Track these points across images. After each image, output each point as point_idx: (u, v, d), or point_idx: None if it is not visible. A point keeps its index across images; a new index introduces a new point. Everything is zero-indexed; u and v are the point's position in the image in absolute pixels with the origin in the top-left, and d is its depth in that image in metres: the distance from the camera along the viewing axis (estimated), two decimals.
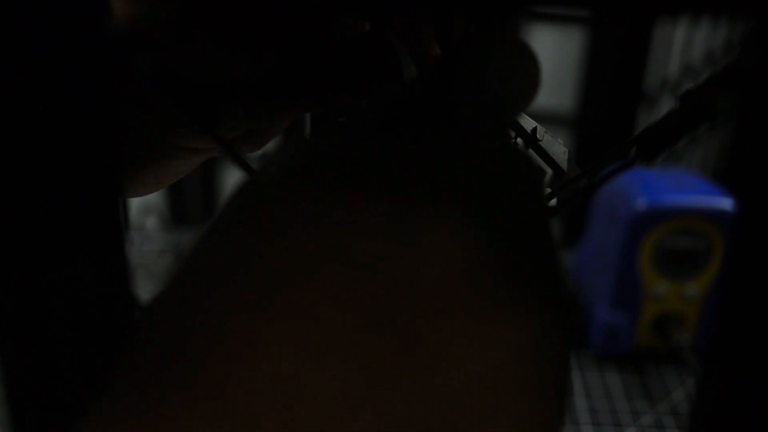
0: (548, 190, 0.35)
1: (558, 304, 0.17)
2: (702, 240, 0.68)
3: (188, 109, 0.26)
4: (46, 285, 0.24)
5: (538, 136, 0.35)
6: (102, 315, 0.25)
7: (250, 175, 0.18)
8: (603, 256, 0.73)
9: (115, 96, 0.22)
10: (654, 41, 1.10)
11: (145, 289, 0.75)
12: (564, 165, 0.35)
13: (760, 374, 0.25)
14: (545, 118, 1.22)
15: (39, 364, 0.25)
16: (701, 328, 0.71)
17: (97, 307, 0.25)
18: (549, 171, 0.35)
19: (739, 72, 0.23)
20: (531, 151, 0.35)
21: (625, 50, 1.13)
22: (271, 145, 0.34)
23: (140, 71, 0.23)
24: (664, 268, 0.69)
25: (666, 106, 1.14)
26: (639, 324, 0.71)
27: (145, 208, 0.91)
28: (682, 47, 1.13)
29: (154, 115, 0.27)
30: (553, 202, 0.34)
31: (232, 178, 1.36)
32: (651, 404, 0.69)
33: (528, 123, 0.36)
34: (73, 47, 0.22)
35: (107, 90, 0.23)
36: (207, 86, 0.27)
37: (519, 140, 0.36)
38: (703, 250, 0.69)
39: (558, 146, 0.36)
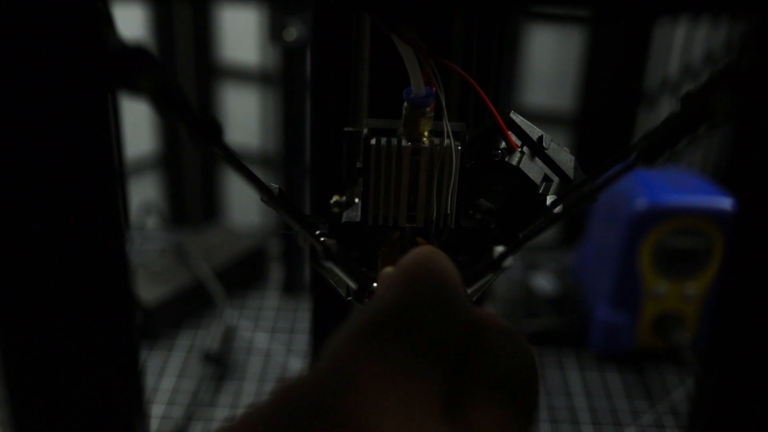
0: (555, 197, 0.35)
1: None
2: (702, 240, 0.68)
3: (191, 121, 0.26)
4: (47, 285, 0.24)
5: (544, 144, 0.35)
6: (102, 315, 0.25)
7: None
8: (603, 256, 0.73)
9: (115, 104, 0.22)
10: (654, 41, 1.10)
11: (145, 289, 0.76)
12: (570, 173, 0.35)
13: (760, 374, 0.25)
14: (545, 118, 1.22)
15: (40, 364, 0.25)
16: (701, 328, 0.71)
17: (97, 307, 0.25)
18: (555, 179, 0.35)
19: (739, 72, 0.23)
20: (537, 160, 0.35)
21: (625, 50, 1.13)
22: None
23: (143, 85, 0.23)
24: (664, 268, 0.69)
25: (666, 106, 1.14)
26: (639, 324, 0.71)
27: (145, 207, 0.91)
28: (682, 47, 1.13)
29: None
30: (559, 208, 0.34)
31: (232, 178, 1.36)
32: (651, 404, 0.69)
33: (534, 131, 0.36)
34: (78, 59, 0.22)
35: (109, 98, 0.23)
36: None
37: (525, 149, 0.36)
38: (703, 250, 0.69)
39: (564, 154, 0.36)
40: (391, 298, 0.24)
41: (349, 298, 0.36)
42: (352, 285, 0.35)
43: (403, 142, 0.34)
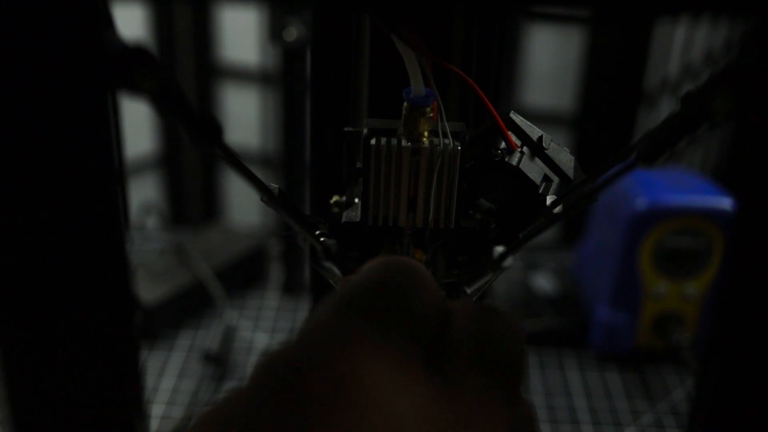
0: (555, 197, 0.35)
1: None
2: (702, 240, 0.68)
3: (191, 122, 0.26)
4: (47, 285, 0.24)
5: (544, 144, 0.35)
6: (102, 315, 0.25)
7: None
8: (603, 255, 0.73)
9: (115, 104, 0.22)
10: (654, 41, 1.10)
11: (145, 289, 0.76)
12: (570, 173, 0.35)
13: (760, 374, 0.25)
14: (545, 118, 1.22)
15: (40, 364, 0.25)
16: (701, 328, 0.71)
17: (97, 307, 0.25)
18: (555, 179, 0.35)
19: (739, 72, 0.23)
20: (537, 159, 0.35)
21: (625, 50, 1.13)
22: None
23: (144, 85, 0.23)
24: (664, 268, 0.69)
25: (666, 106, 1.14)
26: (639, 324, 0.71)
27: (145, 207, 0.91)
28: (682, 47, 1.13)
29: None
30: (559, 208, 0.34)
31: (232, 178, 1.36)
32: (651, 404, 0.69)
33: (534, 131, 0.36)
34: (78, 59, 0.22)
35: (109, 98, 0.23)
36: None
37: (525, 149, 0.36)
38: (703, 250, 0.69)
39: (564, 154, 0.36)
40: (364, 279, 0.25)
41: None
42: None
43: (403, 142, 0.34)
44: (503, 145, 0.36)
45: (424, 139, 0.34)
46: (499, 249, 0.32)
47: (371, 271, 0.25)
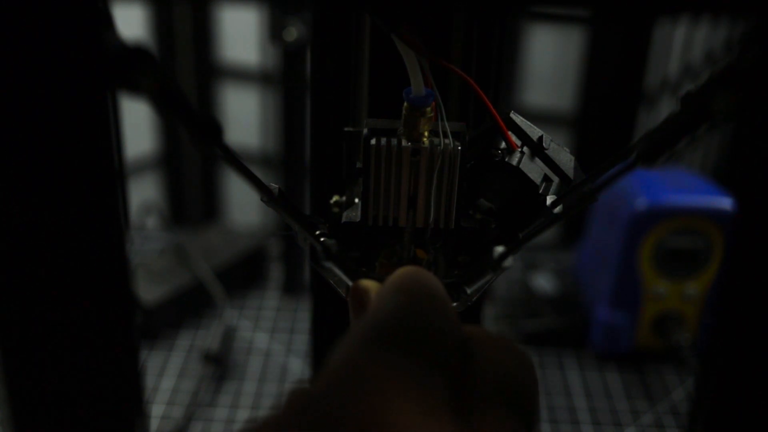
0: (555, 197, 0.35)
1: None
2: (702, 240, 0.68)
3: (191, 122, 0.26)
4: (47, 285, 0.24)
5: (544, 144, 0.35)
6: (102, 315, 0.25)
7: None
8: (603, 256, 0.73)
9: (115, 103, 0.22)
10: (654, 41, 1.10)
11: (145, 289, 0.76)
12: (570, 173, 0.35)
13: (760, 374, 0.25)
14: (545, 118, 1.22)
15: (40, 364, 0.25)
16: (701, 328, 0.71)
17: (97, 307, 0.25)
18: (555, 179, 0.35)
19: (739, 72, 0.23)
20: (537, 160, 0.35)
21: (625, 50, 1.13)
22: None
23: (143, 85, 0.23)
24: (664, 268, 0.69)
25: (666, 106, 1.14)
26: (639, 324, 0.71)
27: (145, 207, 0.91)
28: (682, 47, 1.13)
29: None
30: (559, 208, 0.34)
31: (232, 178, 1.36)
32: (651, 404, 0.69)
33: (534, 131, 0.36)
34: (78, 59, 0.22)
35: (109, 98, 0.23)
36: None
37: (525, 149, 0.36)
38: (703, 250, 0.69)
39: (564, 154, 0.36)
40: (387, 309, 0.25)
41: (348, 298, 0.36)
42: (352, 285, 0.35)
43: (403, 143, 0.34)
44: (503, 145, 0.36)
45: (424, 139, 0.34)
46: (499, 249, 0.32)
47: (395, 298, 0.25)
